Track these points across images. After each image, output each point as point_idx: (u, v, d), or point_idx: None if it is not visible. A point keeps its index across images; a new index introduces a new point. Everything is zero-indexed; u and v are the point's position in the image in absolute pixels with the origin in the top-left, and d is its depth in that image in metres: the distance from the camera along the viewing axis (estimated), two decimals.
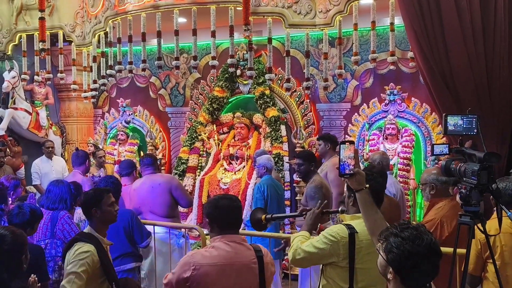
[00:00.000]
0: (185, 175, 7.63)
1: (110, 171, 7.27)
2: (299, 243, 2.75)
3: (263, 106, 7.43)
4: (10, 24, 7.89)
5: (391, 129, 6.66)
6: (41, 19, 7.01)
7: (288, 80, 6.71)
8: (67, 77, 7.79)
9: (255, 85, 7.45)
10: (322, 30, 6.20)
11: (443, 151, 2.88)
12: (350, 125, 7.23)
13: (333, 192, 4.84)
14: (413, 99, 6.74)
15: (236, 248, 2.67)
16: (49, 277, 3.68)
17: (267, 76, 6.50)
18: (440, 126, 6.26)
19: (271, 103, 7.39)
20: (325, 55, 6.30)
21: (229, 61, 6.41)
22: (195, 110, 8.13)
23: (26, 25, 7.79)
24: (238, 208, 2.77)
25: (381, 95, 6.92)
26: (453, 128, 2.65)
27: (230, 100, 7.95)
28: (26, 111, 7.99)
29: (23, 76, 7.85)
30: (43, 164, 7.33)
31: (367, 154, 6.64)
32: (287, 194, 6.81)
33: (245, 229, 4.88)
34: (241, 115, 7.62)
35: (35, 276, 2.85)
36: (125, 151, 8.27)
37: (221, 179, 7.26)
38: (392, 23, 5.84)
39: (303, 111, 7.47)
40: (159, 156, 7.82)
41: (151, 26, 6.37)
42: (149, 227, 4.56)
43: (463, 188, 2.49)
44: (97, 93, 7.87)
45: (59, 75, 7.64)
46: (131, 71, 6.85)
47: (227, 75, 7.69)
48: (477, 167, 2.39)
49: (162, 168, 7.87)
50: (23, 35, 7.82)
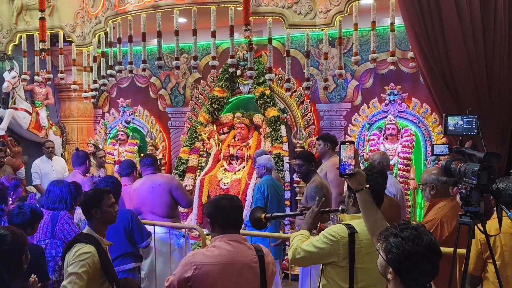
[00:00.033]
0: (185, 175, 7.63)
1: (110, 171, 7.26)
2: (299, 242, 2.75)
3: (263, 106, 7.43)
4: (11, 24, 7.90)
5: (391, 129, 6.66)
6: (41, 19, 7.01)
7: (288, 80, 6.71)
8: (67, 77, 7.80)
9: (255, 85, 7.45)
10: (322, 30, 6.20)
11: (443, 151, 2.88)
12: (350, 125, 7.23)
13: (332, 192, 4.84)
14: (413, 99, 6.74)
15: (237, 248, 2.67)
16: (49, 277, 3.68)
17: (267, 76, 6.50)
18: (440, 126, 6.25)
19: (271, 103, 7.39)
20: (325, 55, 6.30)
21: (229, 61, 6.41)
22: (195, 110, 8.13)
23: (26, 25, 7.80)
24: (239, 208, 2.77)
25: (381, 95, 6.92)
26: (453, 128, 2.65)
27: (230, 100, 7.94)
28: (26, 111, 7.99)
29: (23, 76, 7.85)
30: (43, 164, 7.33)
31: (367, 154, 6.64)
32: (287, 194, 6.81)
33: (245, 229, 4.88)
34: (241, 115, 7.62)
35: (35, 276, 2.85)
36: (125, 151, 8.26)
37: (221, 179, 7.25)
38: (392, 23, 5.84)
39: (303, 111, 7.47)
40: (159, 156, 7.82)
41: (151, 26, 6.38)
42: (149, 227, 4.56)
43: (463, 188, 2.49)
44: (97, 93, 7.87)
45: (59, 75, 7.64)
46: (131, 71, 6.85)
47: (227, 75, 7.69)
48: (477, 167, 2.39)
49: (162, 168, 7.86)
50: (23, 35, 7.82)
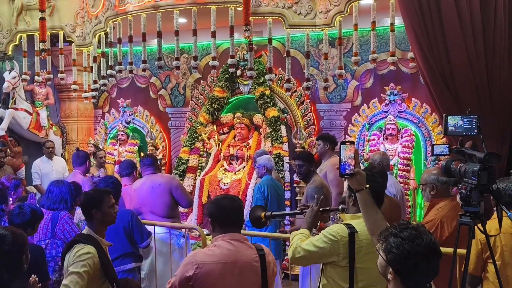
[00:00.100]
0: (185, 175, 7.63)
1: (110, 171, 7.27)
2: (299, 241, 2.75)
3: (263, 107, 7.43)
4: (11, 24, 7.90)
5: (391, 129, 6.66)
6: (42, 19, 7.02)
7: (288, 81, 6.71)
8: (67, 78, 7.81)
9: (255, 85, 7.45)
10: (322, 30, 6.20)
11: (443, 152, 2.88)
12: (350, 125, 7.22)
13: (332, 192, 4.85)
14: (413, 99, 6.74)
15: (238, 247, 2.68)
16: (49, 277, 3.68)
17: (267, 77, 6.50)
18: (440, 126, 6.25)
19: (271, 103, 7.39)
20: (325, 56, 6.31)
21: (229, 61, 6.42)
22: (196, 111, 8.13)
23: (26, 25, 7.81)
24: (240, 208, 2.78)
25: (381, 95, 6.91)
26: (453, 129, 2.66)
27: (230, 101, 7.94)
28: (27, 111, 7.99)
29: (23, 76, 7.86)
30: (44, 164, 7.32)
31: (367, 154, 6.63)
32: (287, 194, 6.81)
33: (245, 229, 4.88)
34: (241, 115, 7.62)
35: (35, 276, 2.85)
36: (126, 151, 8.26)
37: (221, 179, 7.25)
38: (392, 24, 5.84)
39: (303, 112, 7.46)
40: (159, 157, 7.82)
41: (152, 26, 6.38)
42: (150, 227, 4.56)
43: (464, 188, 2.49)
44: (97, 93, 7.86)
45: (59, 75, 7.65)
46: (131, 71, 6.85)
47: (227, 75, 7.69)
48: (477, 168, 2.39)
49: (163, 168, 7.86)
50: (24, 35, 7.83)
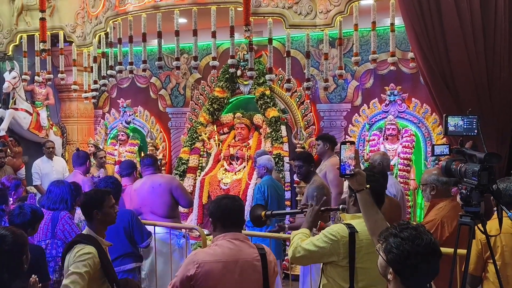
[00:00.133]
0: (186, 176, 7.63)
1: (110, 171, 7.27)
2: (299, 241, 2.75)
3: (263, 107, 7.43)
4: (11, 24, 7.91)
5: (392, 129, 6.66)
6: (42, 19, 7.02)
7: (289, 81, 6.71)
8: (67, 78, 7.81)
9: (256, 85, 7.45)
10: (323, 30, 6.21)
11: (443, 152, 2.88)
12: (350, 125, 7.22)
13: (332, 192, 4.85)
14: (413, 99, 6.74)
15: (239, 246, 2.69)
16: (49, 277, 3.67)
17: (267, 77, 6.50)
18: (441, 126, 6.26)
19: (272, 103, 7.39)
20: (325, 56, 6.31)
21: (229, 61, 6.42)
22: (196, 111, 8.13)
23: (26, 25, 7.81)
24: (241, 208, 2.79)
25: (382, 95, 6.91)
26: (454, 129, 2.66)
27: (230, 101, 7.94)
28: (27, 111, 7.99)
29: (23, 76, 7.86)
30: (44, 165, 7.32)
31: (367, 154, 6.63)
32: (287, 194, 6.81)
33: (245, 230, 4.88)
34: (241, 115, 7.62)
35: (35, 276, 2.85)
36: (126, 151, 8.26)
37: (222, 179, 7.25)
38: (392, 24, 5.84)
39: (303, 112, 7.46)
40: (160, 157, 7.82)
41: (152, 26, 6.38)
42: (150, 228, 4.55)
43: (464, 188, 2.50)
44: (97, 93, 7.87)
45: (59, 75, 7.65)
46: (131, 71, 6.85)
47: (227, 75, 7.69)
48: (477, 168, 2.39)
49: (163, 168, 7.86)
50: (24, 35, 7.84)
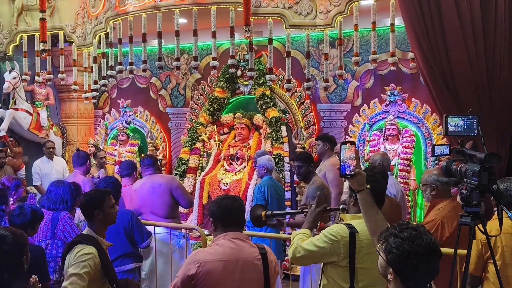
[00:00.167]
0: (186, 176, 7.63)
1: (110, 171, 7.27)
2: (299, 241, 2.75)
3: (263, 107, 7.43)
4: (11, 24, 7.91)
5: (392, 129, 6.66)
6: (42, 19, 7.03)
7: (289, 81, 6.71)
8: (67, 78, 7.82)
9: (256, 85, 7.45)
10: (323, 30, 6.21)
11: (443, 152, 2.88)
12: (350, 125, 7.22)
13: (332, 192, 4.85)
14: (413, 99, 6.74)
15: (240, 245, 2.69)
16: (50, 277, 3.67)
17: (267, 77, 6.50)
18: (441, 126, 6.26)
19: (272, 103, 7.39)
20: (325, 56, 6.31)
21: (229, 61, 6.42)
22: (196, 111, 8.13)
23: (27, 25, 7.82)
24: (241, 208, 2.80)
25: (382, 95, 6.91)
26: (454, 129, 2.66)
27: (230, 101, 7.94)
28: (27, 111, 7.99)
29: (24, 76, 7.86)
30: (44, 165, 7.33)
31: (367, 154, 6.63)
32: (287, 194, 6.81)
33: (245, 230, 4.88)
34: (241, 115, 7.62)
35: (36, 276, 2.85)
36: (126, 151, 8.26)
37: (222, 179, 7.25)
38: (392, 24, 5.84)
39: (303, 112, 7.46)
40: (160, 157, 7.82)
41: (152, 26, 6.38)
42: (150, 228, 4.55)
43: (464, 188, 2.49)
44: (97, 93, 7.87)
45: (59, 75, 7.66)
46: (131, 71, 6.85)
47: (227, 75, 7.69)
48: (478, 168, 2.39)
49: (163, 168, 7.86)
50: (24, 35, 7.84)
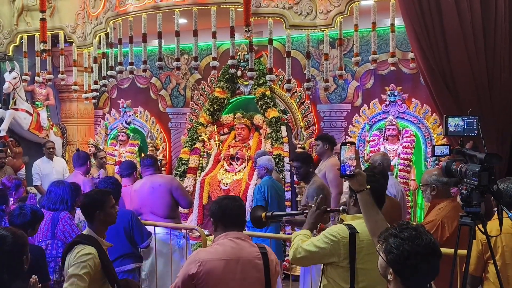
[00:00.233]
0: (186, 176, 7.63)
1: (110, 172, 7.27)
2: (300, 241, 2.75)
3: (263, 107, 7.43)
4: (11, 25, 7.91)
5: (392, 130, 6.65)
6: (42, 20, 7.03)
7: (289, 81, 6.71)
8: (68, 78, 7.82)
9: (256, 86, 7.45)
10: (323, 31, 6.21)
11: (444, 152, 2.88)
12: (350, 126, 7.22)
13: (332, 192, 4.84)
14: (413, 100, 6.74)
15: (241, 244, 2.70)
16: (50, 277, 3.67)
17: (267, 77, 6.50)
18: (441, 127, 6.26)
19: (272, 104, 7.39)
20: (325, 56, 6.31)
21: (229, 62, 6.42)
22: (196, 111, 8.13)
23: (27, 26, 7.82)
24: (242, 208, 2.81)
25: (382, 96, 6.91)
26: (454, 129, 2.66)
27: (230, 101, 7.94)
28: (27, 112, 7.99)
29: (24, 77, 7.86)
30: (44, 165, 7.33)
31: (367, 155, 6.63)
32: (287, 195, 6.80)
33: (246, 230, 4.88)
34: (241, 116, 7.62)
35: (36, 276, 2.85)
36: (126, 152, 8.26)
37: (222, 180, 7.25)
38: (392, 24, 5.85)
39: (303, 112, 7.46)
40: (160, 157, 7.82)
41: (152, 27, 6.38)
42: (150, 228, 4.55)
43: (464, 189, 2.49)
44: (97, 94, 7.87)
45: (60, 76, 7.66)
46: (131, 72, 6.86)
47: (227, 76, 7.69)
48: (478, 168, 2.39)
49: (163, 169, 7.86)
50: (24, 36, 7.84)
